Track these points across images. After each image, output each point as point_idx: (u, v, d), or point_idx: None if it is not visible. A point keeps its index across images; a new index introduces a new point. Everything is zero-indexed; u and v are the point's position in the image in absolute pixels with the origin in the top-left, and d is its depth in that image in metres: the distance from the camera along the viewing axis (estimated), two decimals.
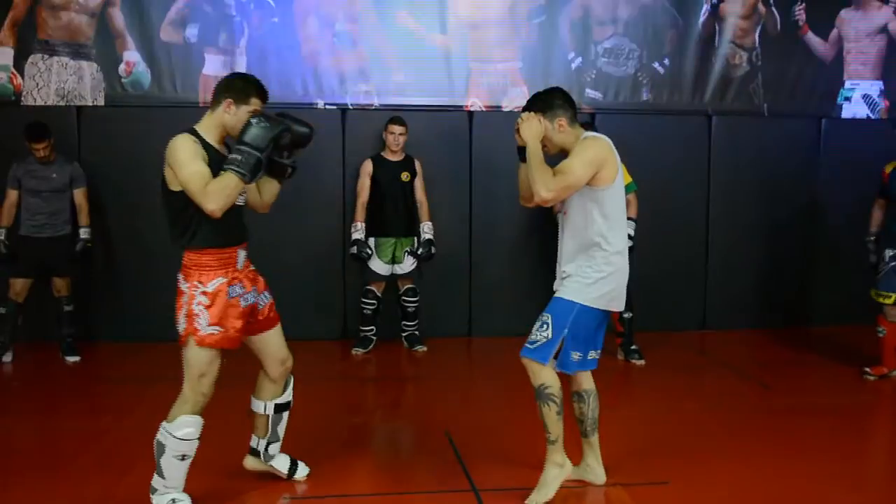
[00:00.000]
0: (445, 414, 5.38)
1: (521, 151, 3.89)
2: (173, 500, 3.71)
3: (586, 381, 4.08)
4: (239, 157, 3.54)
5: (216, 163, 3.63)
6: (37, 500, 4.01)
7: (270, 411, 4.12)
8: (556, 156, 3.93)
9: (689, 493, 4.09)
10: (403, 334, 7.14)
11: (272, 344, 4.05)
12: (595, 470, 4.16)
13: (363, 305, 6.96)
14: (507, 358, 3.91)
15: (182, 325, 3.67)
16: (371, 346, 7.01)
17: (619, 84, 7.79)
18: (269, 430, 4.14)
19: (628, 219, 6.51)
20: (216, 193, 3.51)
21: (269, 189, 4.00)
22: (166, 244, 3.77)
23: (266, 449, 4.16)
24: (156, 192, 3.74)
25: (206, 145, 3.67)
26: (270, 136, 3.60)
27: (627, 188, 6.53)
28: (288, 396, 4.18)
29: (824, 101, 8.13)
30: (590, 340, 3.94)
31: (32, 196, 6.47)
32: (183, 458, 3.68)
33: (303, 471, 4.25)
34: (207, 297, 3.65)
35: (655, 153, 7.34)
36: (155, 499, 3.72)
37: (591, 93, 7.74)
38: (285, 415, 4.17)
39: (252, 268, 3.96)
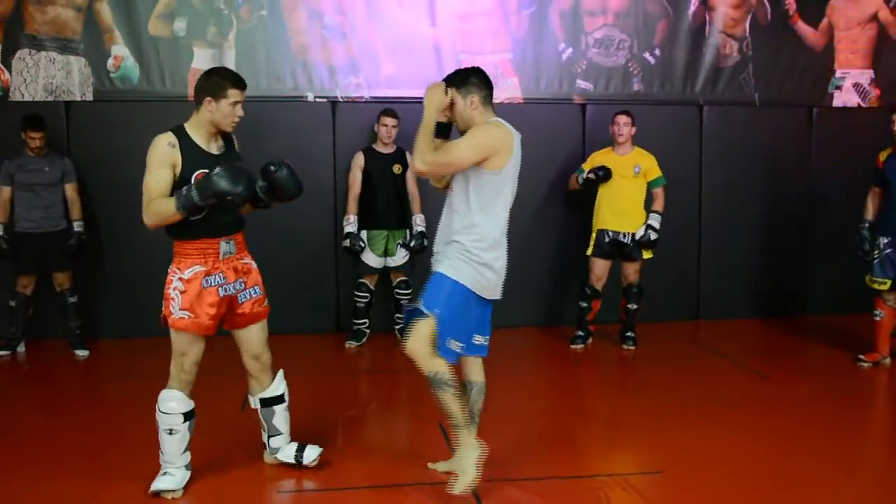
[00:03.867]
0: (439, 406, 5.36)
1: (438, 126, 3.89)
2: (166, 472, 3.86)
3: (475, 371, 4.07)
4: (184, 194, 3.66)
5: (196, 162, 3.76)
6: (34, 490, 4.02)
7: (257, 405, 4.17)
8: (464, 132, 3.95)
9: (683, 482, 4.09)
10: (397, 327, 7.13)
11: (249, 339, 4.10)
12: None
13: (356, 298, 6.95)
14: (499, 348, 3.91)
15: (164, 308, 3.86)
16: (364, 339, 6.99)
17: (610, 74, 7.78)
18: (264, 423, 4.19)
19: (654, 212, 6.58)
20: (153, 214, 3.72)
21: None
22: (157, 238, 3.80)
23: (268, 442, 4.21)
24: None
25: (188, 145, 3.78)
26: (212, 190, 3.62)
27: (656, 182, 6.64)
28: (275, 391, 4.18)
29: (815, 90, 8.13)
30: (470, 327, 3.90)
31: (26, 191, 6.46)
32: (170, 432, 3.83)
33: (311, 454, 4.22)
34: (183, 283, 3.80)
35: (647, 144, 7.29)
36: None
37: (581, 83, 7.73)
38: (278, 408, 4.18)
39: (245, 260, 4.01)
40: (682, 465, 4.27)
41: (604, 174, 6.58)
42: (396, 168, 6.88)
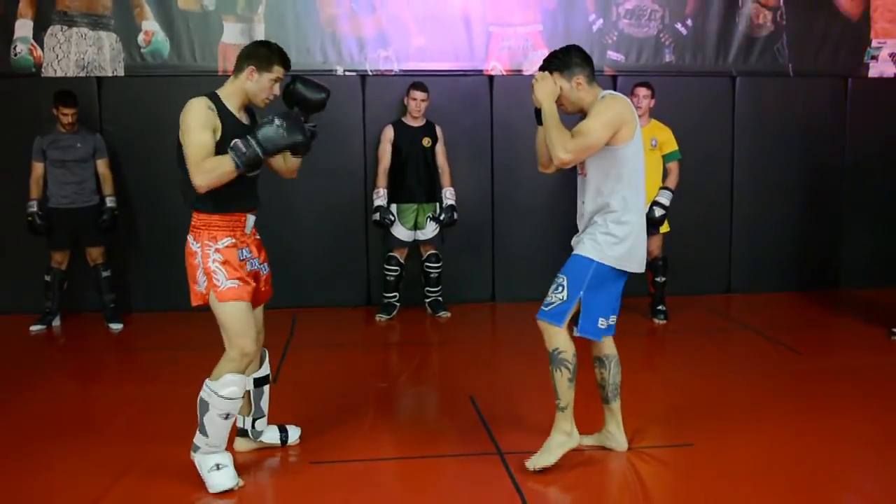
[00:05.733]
0: (470, 378, 5.39)
1: (539, 114, 3.82)
2: (217, 466, 3.70)
3: (607, 345, 4.02)
4: (244, 150, 3.56)
5: (234, 130, 3.67)
6: (70, 462, 4.07)
7: (251, 386, 4.04)
8: (574, 116, 3.89)
9: (713, 455, 4.08)
10: (427, 300, 7.15)
11: (256, 317, 3.97)
12: (616, 437, 4.10)
13: (386, 272, 6.97)
14: (531, 323, 3.90)
15: (202, 284, 3.71)
16: (394, 313, 7.02)
17: (641, 45, 7.71)
18: (252, 405, 4.08)
19: (664, 188, 6.52)
20: (208, 172, 3.56)
21: (291, 159, 4.01)
22: (188, 213, 3.78)
23: (253, 426, 4.11)
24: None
25: (224, 112, 3.69)
26: (283, 144, 3.60)
27: (671, 156, 6.58)
28: (266, 370, 4.11)
29: (850, 60, 7.99)
30: (613, 304, 3.89)
31: (58, 167, 6.53)
32: (227, 416, 3.70)
33: (294, 433, 4.24)
34: (221, 253, 3.69)
35: (678, 115, 7.22)
36: (196, 457, 3.73)
37: (612, 55, 7.66)
38: (266, 388, 4.12)
39: (257, 236, 3.96)
40: (712, 438, 4.25)
41: None
42: (426, 141, 6.87)
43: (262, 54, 3.74)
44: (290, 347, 6.03)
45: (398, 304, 7.06)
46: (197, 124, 3.58)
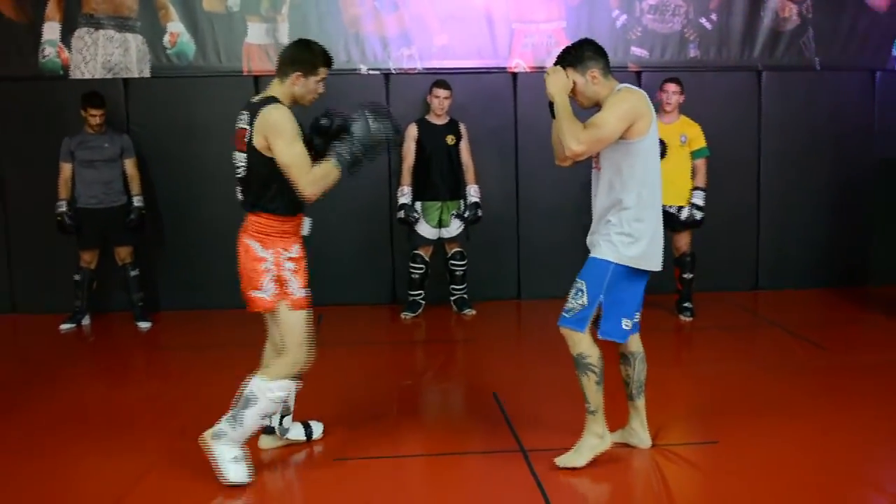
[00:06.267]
0: (494, 376, 5.40)
1: (552, 107, 3.78)
2: (236, 458, 3.73)
3: (633, 342, 3.99)
4: (345, 154, 3.63)
5: (302, 132, 3.73)
6: (98, 458, 4.12)
7: None
8: (590, 110, 3.86)
9: (738, 452, 4.05)
10: (452, 298, 7.15)
11: None
12: (639, 434, 4.08)
13: (411, 270, 6.98)
14: (556, 320, 3.90)
15: (271, 291, 3.72)
16: (420, 310, 7.03)
17: (666, 41, 7.66)
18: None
19: (697, 189, 6.47)
20: (318, 182, 3.62)
21: None
22: (214, 213, 3.81)
23: (280, 423, 4.14)
24: (205, 161, 3.77)
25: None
26: (379, 137, 3.69)
27: (699, 153, 6.52)
28: None
29: (878, 53, 7.90)
30: (636, 303, 3.86)
31: (86, 167, 6.60)
32: (266, 416, 3.79)
33: (318, 429, 4.29)
34: (293, 262, 3.75)
35: (704, 111, 7.16)
36: (216, 445, 3.72)
37: (636, 51, 7.63)
38: (294, 385, 4.11)
39: None
40: (737, 436, 4.23)
41: (662, 150, 6.47)
42: (450, 139, 6.87)
43: (306, 59, 3.77)
44: (316, 345, 6.05)
45: (423, 302, 7.07)
46: (294, 133, 3.62)
